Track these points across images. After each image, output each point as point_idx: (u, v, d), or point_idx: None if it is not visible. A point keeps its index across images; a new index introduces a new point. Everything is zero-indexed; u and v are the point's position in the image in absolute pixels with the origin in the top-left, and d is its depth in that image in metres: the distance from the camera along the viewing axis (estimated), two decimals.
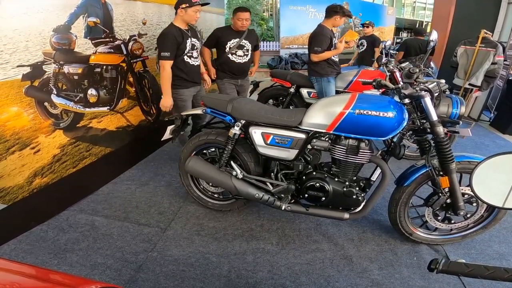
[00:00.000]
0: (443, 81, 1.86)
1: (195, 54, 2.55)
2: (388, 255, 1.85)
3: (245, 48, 2.97)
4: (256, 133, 1.81)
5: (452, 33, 5.67)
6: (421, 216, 1.91)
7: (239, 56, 2.97)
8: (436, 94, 1.68)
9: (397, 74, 2.85)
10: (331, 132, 1.67)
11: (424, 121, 1.63)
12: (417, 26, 6.20)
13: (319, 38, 3.10)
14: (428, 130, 1.63)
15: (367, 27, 4.96)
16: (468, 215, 1.77)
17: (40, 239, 1.93)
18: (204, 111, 1.97)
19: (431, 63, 7.62)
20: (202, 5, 2.51)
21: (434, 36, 1.98)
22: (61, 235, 1.97)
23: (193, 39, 2.49)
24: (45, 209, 2.11)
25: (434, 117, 1.57)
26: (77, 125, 2.32)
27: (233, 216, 2.19)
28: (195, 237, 1.98)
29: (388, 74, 2.82)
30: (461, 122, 1.79)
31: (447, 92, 1.84)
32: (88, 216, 2.17)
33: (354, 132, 1.63)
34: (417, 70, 1.89)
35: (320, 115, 1.68)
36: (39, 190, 2.04)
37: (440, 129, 1.57)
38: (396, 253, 1.86)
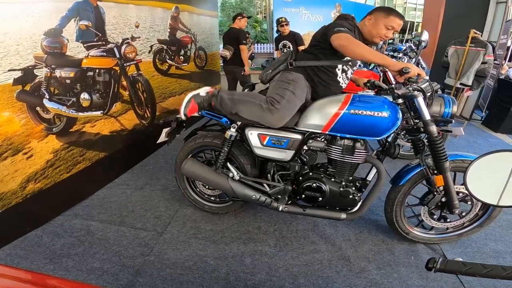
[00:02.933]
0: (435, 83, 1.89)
1: None
2: (386, 255, 1.86)
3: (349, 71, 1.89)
4: (253, 134, 1.81)
5: (442, 33, 5.74)
6: (417, 215, 1.91)
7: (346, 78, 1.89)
8: (429, 94, 1.70)
9: (390, 74, 2.87)
10: (326, 132, 1.68)
11: (418, 120, 1.65)
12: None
13: None
14: (422, 130, 1.64)
15: (286, 25, 4.30)
16: (463, 214, 1.79)
17: (35, 244, 1.90)
18: (199, 113, 1.96)
19: (422, 63, 7.69)
20: (248, 17, 4.32)
21: (425, 36, 1.95)
22: (56, 240, 1.95)
23: None
24: (40, 214, 2.08)
25: (427, 117, 1.58)
26: (70, 130, 2.29)
27: (230, 218, 2.18)
28: (192, 240, 1.97)
29: (381, 74, 2.85)
30: (453, 121, 1.79)
31: (439, 92, 1.85)
32: (84, 221, 2.14)
33: (349, 132, 1.65)
34: (409, 71, 1.88)
35: (316, 116, 1.69)
36: (32, 196, 2.01)
37: (433, 128, 1.58)
38: (393, 252, 1.87)
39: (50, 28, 2.04)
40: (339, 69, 1.81)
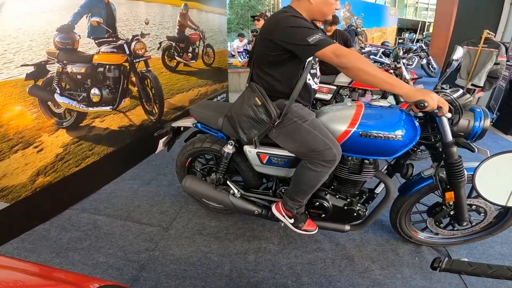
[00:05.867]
0: (468, 95, 1.64)
1: None
2: (390, 255, 1.84)
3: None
4: (251, 152, 1.68)
5: (454, 34, 5.66)
6: (425, 220, 1.84)
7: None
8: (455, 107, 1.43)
9: (404, 69, 2.79)
10: None
11: (438, 137, 1.47)
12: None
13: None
14: (440, 150, 1.48)
15: (258, 20, 4.32)
16: (474, 223, 1.72)
17: (42, 238, 1.94)
18: (194, 125, 1.85)
19: (433, 63, 7.54)
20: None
21: (458, 54, 1.42)
22: (64, 234, 1.98)
23: None
24: (48, 208, 2.12)
25: (449, 138, 1.37)
26: (80, 124, 2.33)
27: (234, 216, 2.19)
28: (196, 236, 1.99)
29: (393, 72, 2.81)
30: (476, 150, 1.49)
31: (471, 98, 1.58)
32: (91, 215, 2.18)
33: (357, 152, 1.49)
34: (426, 105, 1.41)
35: None
36: (42, 189, 2.05)
37: (454, 150, 1.40)
38: (397, 253, 1.86)
39: (62, 24, 2.07)
40: (309, 79, 1.51)
